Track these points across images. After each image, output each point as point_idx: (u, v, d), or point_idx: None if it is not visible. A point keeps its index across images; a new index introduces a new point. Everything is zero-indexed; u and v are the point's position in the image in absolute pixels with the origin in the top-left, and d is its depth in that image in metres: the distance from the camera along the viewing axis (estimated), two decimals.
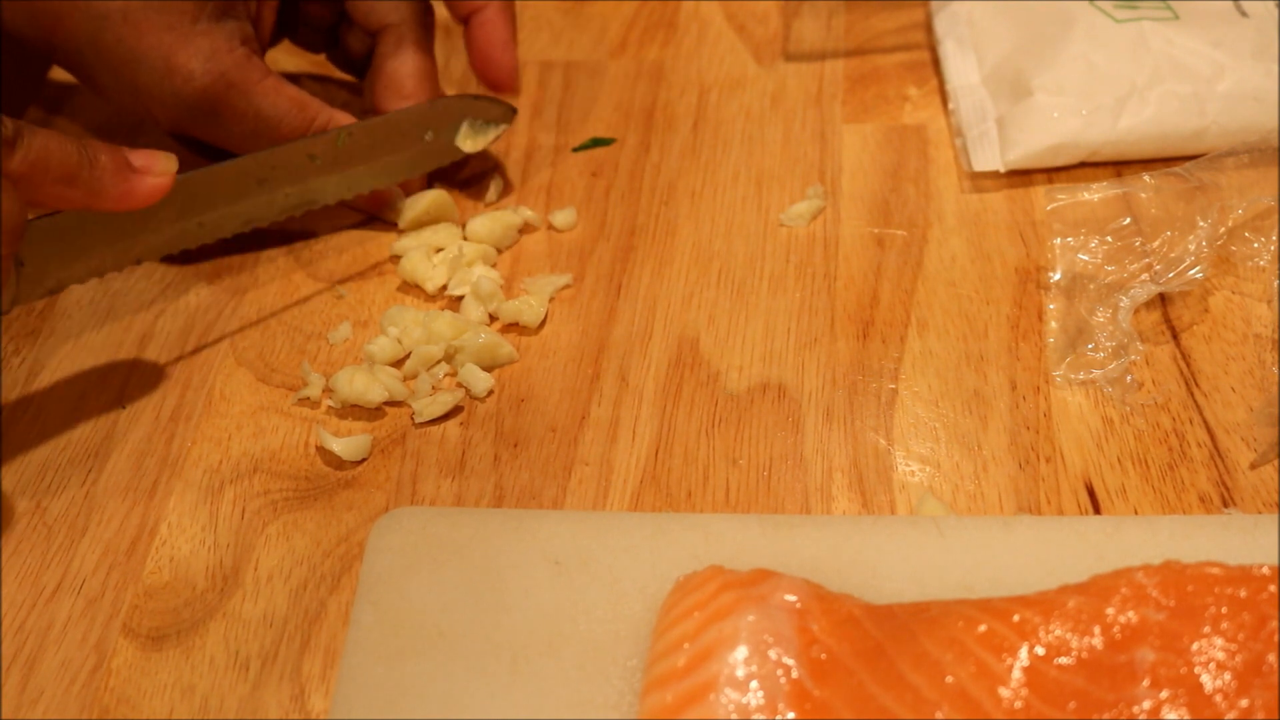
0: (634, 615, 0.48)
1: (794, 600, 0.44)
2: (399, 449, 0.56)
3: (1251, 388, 0.57)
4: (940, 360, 0.59)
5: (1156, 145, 0.67)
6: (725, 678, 0.42)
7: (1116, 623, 0.43)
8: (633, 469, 0.55)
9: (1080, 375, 0.57)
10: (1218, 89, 0.67)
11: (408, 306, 0.61)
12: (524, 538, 0.50)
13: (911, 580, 0.48)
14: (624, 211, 0.67)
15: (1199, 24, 0.69)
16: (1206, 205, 0.60)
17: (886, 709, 0.42)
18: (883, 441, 0.56)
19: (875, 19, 0.78)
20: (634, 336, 0.60)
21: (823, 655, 0.43)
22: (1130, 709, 0.41)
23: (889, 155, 0.69)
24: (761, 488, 0.54)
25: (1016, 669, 0.42)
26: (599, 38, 0.76)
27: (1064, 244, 0.61)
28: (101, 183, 0.55)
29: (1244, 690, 0.41)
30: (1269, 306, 0.60)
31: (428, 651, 0.47)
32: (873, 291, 0.62)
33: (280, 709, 0.47)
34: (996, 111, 0.69)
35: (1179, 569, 0.44)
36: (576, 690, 0.46)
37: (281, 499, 0.54)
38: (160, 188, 0.56)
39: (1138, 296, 0.59)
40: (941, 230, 0.65)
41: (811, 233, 0.65)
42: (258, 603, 0.50)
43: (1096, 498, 0.53)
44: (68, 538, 0.53)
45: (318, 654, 0.49)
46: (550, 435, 0.56)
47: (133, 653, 0.49)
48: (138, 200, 0.56)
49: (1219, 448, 0.54)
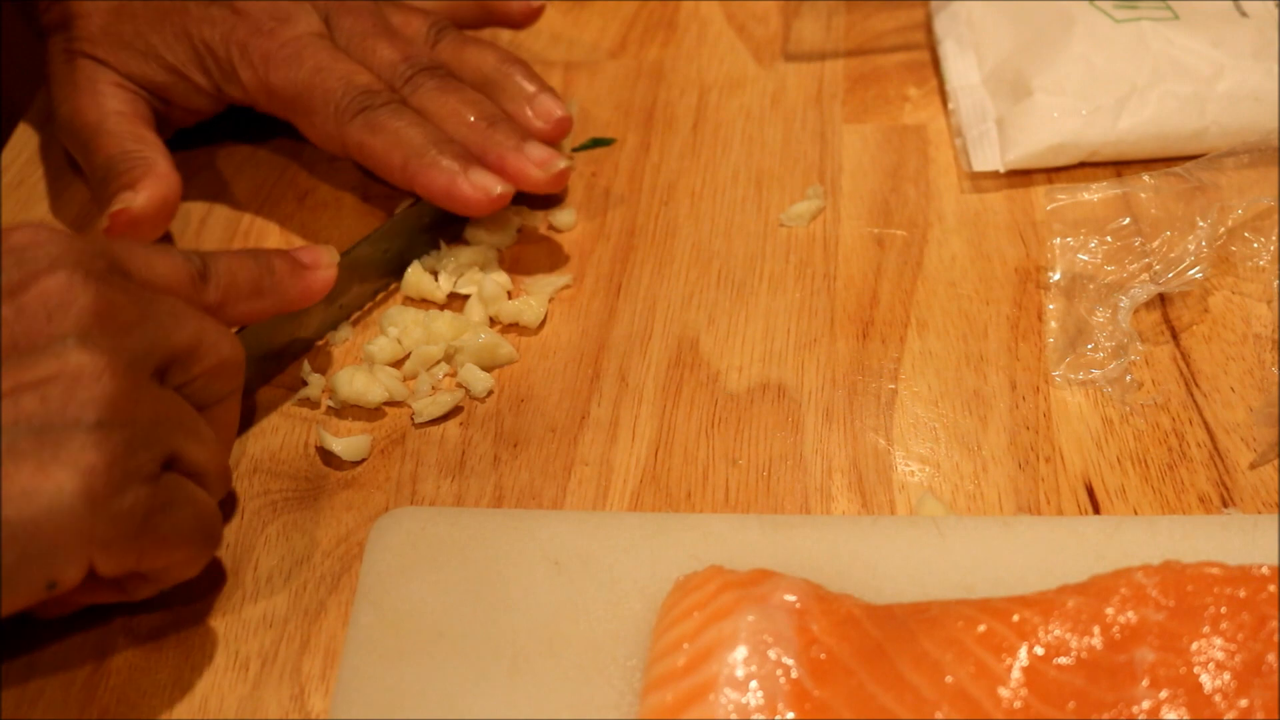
0: (634, 615, 0.48)
1: (794, 600, 0.44)
2: (399, 449, 0.56)
3: (1251, 388, 0.57)
4: (940, 360, 0.59)
5: (1156, 145, 0.67)
6: (725, 678, 0.42)
7: (1116, 623, 0.43)
8: (633, 469, 0.55)
9: (1080, 375, 0.57)
10: (1218, 89, 0.67)
11: (408, 307, 0.61)
12: (524, 538, 0.50)
13: (911, 580, 0.48)
14: (624, 211, 0.67)
15: (1199, 24, 0.69)
16: (1206, 205, 0.60)
17: (886, 709, 0.42)
18: (882, 441, 0.56)
19: (875, 19, 0.78)
20: (634, 336, 0.60)
21: (822, 655, 0.43)
22: (1130, 709, 0.41)
23: (889, 155, 0.69)
24: (761, 488, 0.54)
25: (1016, 669, 0.42)
26: (599, 38, 0.76)
27: (1064, 244, 0.61)
28: (283, 287, 0.56)
29: (1243, 690, 0.41)
30: (1269, 306, 0.60)
31: (428, 651, 0.47)
32: (873, 291, 0.62)
33: (280, 709, 0.47)
34: (996, 111, 0.69)
35: (1179, 569, 0.44)
36: (576, 690, 0.46)
37: (281, 499, 0.54)
38: (330, 280, 0.57)
39: (1138, 296, 0.59)
40: (941, 230, 0.65)
41: (811, 233, 0.65)
42: (258, 603, 0.51)
43: (1096, 498, 0.53)
44: None
45: (318, 654, 0.49)
46: (550, 435, 0.56)
47: (133, 653, 0.49)
48: (315, 295, 0.57)
49: (1219, 448, 0.54)
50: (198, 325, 0.50)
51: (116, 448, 0.44)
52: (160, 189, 0.62)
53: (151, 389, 0.47)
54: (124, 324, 0.46)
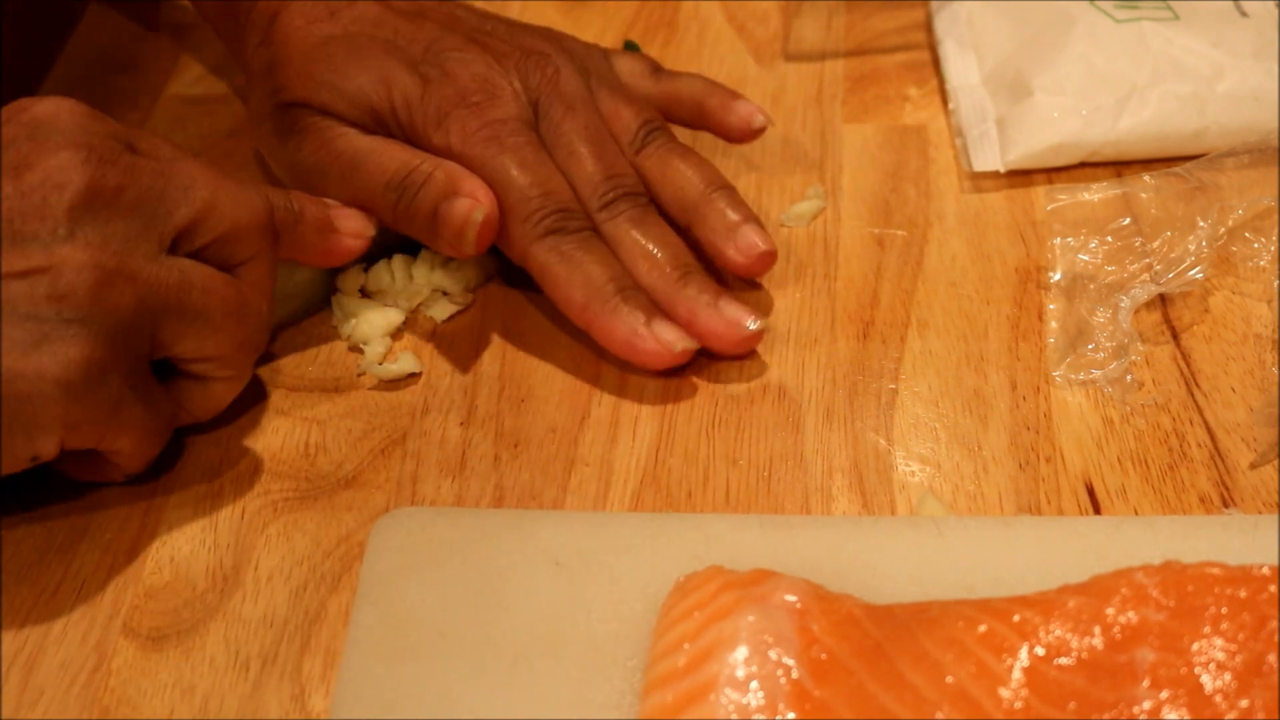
0: (634, 615, 0.48)
1: (794, 600, 0.44)
2: (399, 449, 0.56)
3: (1252, 388, 0.57)
4: (940, 360, 0.59)
5: (1156, 145, 0.67)
6: (725, 678, 0.42)
7: (1116, 623, 0.43)
8: (633, 469, 0.55)
9: (1080, 375, 0.57)
10: (1218, 89, 0.67)
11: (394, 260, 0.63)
12: (524, 538, 0.50)
13: (911, 580, 0.48)
14: None
15: (1199, 24, 0.69)
16: (1206, 205, 0.60)
17: (886, 709, 0.42)
18: (883, 442, 0.56)
19: (875, 19, 0.78)
20: None
21: (823, 655, 0.43)
22: (1130, 709, 0.41)
23: (889, 155, 0.69)
24: (761, 488, 0.54)
25: (1016, 669, 0.42)
26: (599, 38, 0.76)
27: (1064, 244, 0.61)
28: (306, 239, 0.56)
29: (1244, 690, 0.41)
30: (1269, 306, 0.60)
31: (428, 651, 0.47)
32: (873, 291, 0.62)
33: (280, 709, 0.47)
34: (996, 112, 0.69)
35: (1179, 569, 0.44)
36: (576, 690, 0.46)
37: (281, 499, 0.54)
38: (356, 250, 0.57)
39: (1138, 297, 0.59)
40: (941, 230, 0.65)
41: (811, 233, 0.65)
42: (258, 603, 0.50)
43: (1096, 498, 0.53)
44: (68, 538, 0.53)
45: (318, 654, 0.49)
46: (550, 435, 0.56)
47: (133, 653, 0.49)
48: (334, 259, 0.57)
49: (1219, 448, 0.54)
50: (209, 193, 0.52)
51: (97, 342, 0.48)
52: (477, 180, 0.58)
53: (149, 269, 0.50)
54: (122, 206, 0.50)
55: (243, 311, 0.53)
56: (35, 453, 0.49)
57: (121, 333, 0.49)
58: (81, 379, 0.48)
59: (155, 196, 0.51)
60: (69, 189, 0.48)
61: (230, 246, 0.53)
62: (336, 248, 0.57)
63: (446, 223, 0.57)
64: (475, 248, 0.57)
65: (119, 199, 0.50)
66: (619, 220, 0.59)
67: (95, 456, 0.52)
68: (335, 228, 0.57)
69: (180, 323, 0.51)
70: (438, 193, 0.57)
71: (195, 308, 0.51)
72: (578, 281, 0.57)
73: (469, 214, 0.56)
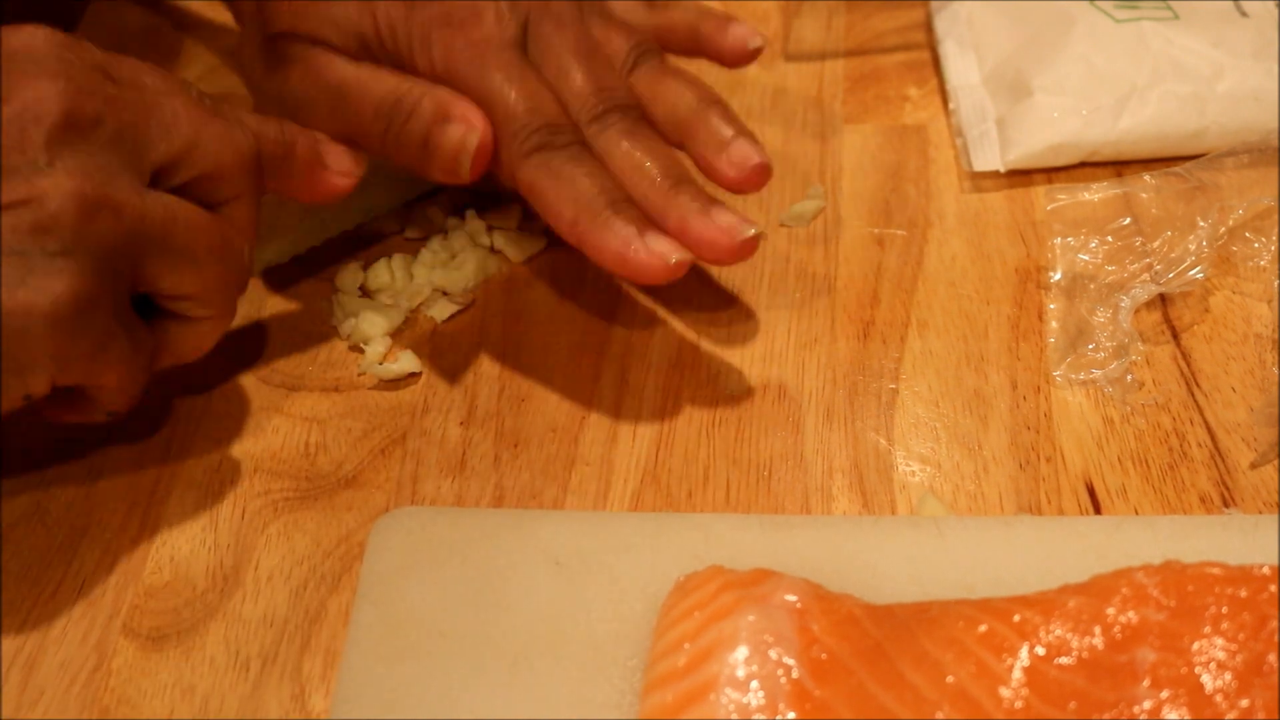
0: (634, 615, 0.48)
1: (794, 600, 0.44)
2: (399, 449, 0.56)
3: (1252, 388, 0.57)
4: (940, 360, 0.59)
5: (1156, 145, 0.67)
6: (725, 678, 0.42)
7: (1117, 623, 0.42)
8: (633, 469, 0.55)
9: (1081, 375, 0.57)
10: (1218, 89, 0.67)
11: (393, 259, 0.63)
12: (524, 538, 0.50)
13: (911, 580, 0.48)
14: None
15: (1199, 24, 0.69)
16: (1206, 205, 0.60)
17: (887, 709, 0.42)
18: (883, 441, 0.56)
19: (875, 19, 0.78)
20: (634, 336, 0.60)
21: (823, 655, 0.43)
22: (1131, 709, 0.41)
23: (889, 155, 0.69)
24: (761, 488, 0.54)
25: (1017, 669, 0.42)
26: None
27: (1064, 244, 0.61)
28: (295, 172, 0.55)
29: (1244, 690, 0.41)
30: (1269, 306, 0.60)
31: (428, 651, 0.47)
32: (873, 291, 0.62)
33: (280, 709, 0.47)
34: (996, 111, 0.69)
35: (1179, 569, 0.44)
36: (576, 690, 0.46)
37: (281, 499, 0.54)
38: (344, 189, 0.56)
39: (1138, 296, 0.59)
40: (941, 230, 0.65)
41: (811, 233, 0.65)
42: (258, 603, 0.50)
43: (1097, 498, 0.53)
44: (68, 538, 0.53)
45: (318, 654, 0.49)
46: (550, 435, 0.56)
47: (133, 653, 0.49)
48: (320, 196, 0.56)
49: (1219, 448, 0.54)
50: (192, 130, 0.51)
51: (83, 275, 0.47)
52: (469, 103, 0.56)
53: (132, 200, 0.49)
54: (102, 137, 0.49)
55: (225, 250, 0.52)
56: (28, 390, 0.48)
57: (107, 265, 0.48)
58: (71, 313, 0.47)
59: (135, 129, 0.50)
60: (47, 120, 0.47)
61: (213, 185, 0.52)
62: (324, 184, 0.56)
63: (440, 150, 0.56)
64: (471, 174, 0.56)
65: (98, 130, 0.49)
66: (610, 133, 0.57)
67: (78, 395, 0.51)
68: (325, 164, 0.56)
69: (163, 258, 0.50)
70: (429, 118, 0.56)
71: (178, 243, 0.50)
72: (567, 196, 0.55)
73: (463, 140, 0.55)
